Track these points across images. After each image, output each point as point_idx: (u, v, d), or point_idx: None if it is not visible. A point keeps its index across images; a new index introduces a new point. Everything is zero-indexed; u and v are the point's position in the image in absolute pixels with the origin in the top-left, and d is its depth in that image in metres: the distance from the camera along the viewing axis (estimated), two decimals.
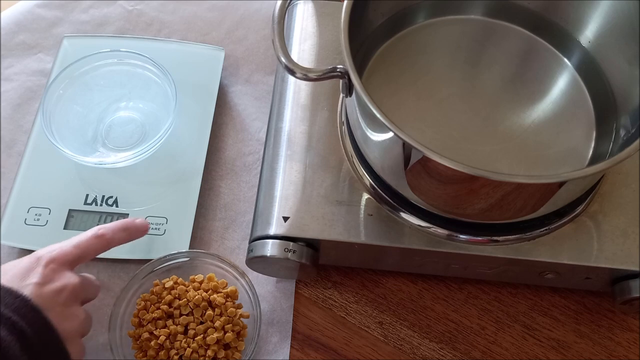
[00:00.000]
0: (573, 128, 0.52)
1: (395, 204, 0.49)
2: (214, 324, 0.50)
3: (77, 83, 0.60)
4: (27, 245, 0.54)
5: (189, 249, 0.55)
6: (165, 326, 0.51)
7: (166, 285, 0.52)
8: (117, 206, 0.57)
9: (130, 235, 0.51)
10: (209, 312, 0.51)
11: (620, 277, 0.49)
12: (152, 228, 0.55)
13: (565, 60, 0.55)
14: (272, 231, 0.49)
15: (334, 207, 0.49)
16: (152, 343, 0.50)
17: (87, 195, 0.57)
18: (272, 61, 0.67)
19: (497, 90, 0.54)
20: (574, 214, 0.49)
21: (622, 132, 0.49)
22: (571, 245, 0.48)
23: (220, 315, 0.51)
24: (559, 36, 0.55)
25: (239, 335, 0.51)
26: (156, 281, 0.53)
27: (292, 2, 0.53)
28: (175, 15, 0.70)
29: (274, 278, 0.56)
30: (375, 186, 0.50)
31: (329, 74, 0.44)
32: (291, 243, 0.48)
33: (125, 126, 0.60)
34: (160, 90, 0.60)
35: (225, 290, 0.52)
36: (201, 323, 0.51)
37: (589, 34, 0.54)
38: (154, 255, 0.54)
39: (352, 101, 0.47)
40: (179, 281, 0.53)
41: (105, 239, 0.49)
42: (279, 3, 0.46)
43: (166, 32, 0.69)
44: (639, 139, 0.41)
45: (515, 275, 0.53)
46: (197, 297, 0.51)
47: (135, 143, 0.59)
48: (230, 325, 0.51)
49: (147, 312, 0.51)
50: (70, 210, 0.56)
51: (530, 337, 0.54)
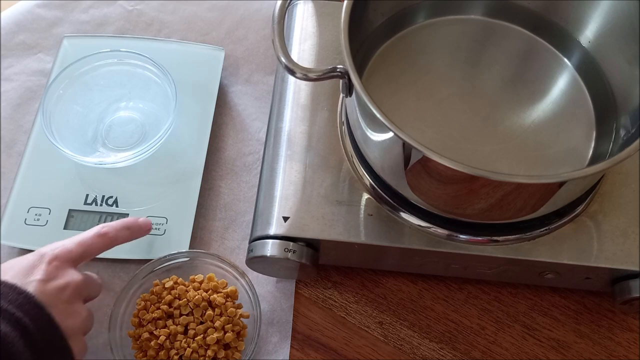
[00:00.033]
0: (573, 128, 0.52)
1: (395, 204, 0.49)
2: (214, 324, 0.50)
3: (77, 83, 0.60)
4: (27, 245, 0.54)
5: (189, 249, 0.55)
6: (165, 326, 0.51)
7: (166, 285, 0.52)
8: (117, 206, 0.57)
9: (133, 234, 0.52)
10: (209, 312, 0.51)
11: (620, 277, 0.49)
12: (152, 228, 0.55)
13: (565, 60, 0.55)
14: (272, 231, 0.49)
15: (334, 207, 0.49)
16: (152, 343, 0.50)
17: (87, 195, 0.57)
18: (272, 61, 0.67)
19: (497, 90, 0.54)
20: (574, 214, 0.49)
21: (622, 132, 0.49)
22: (571, 245, 0.48)
23: (220, 315, 0.51)
24: (559, 36, 0.55)
25: (239, 335, 0.51)
26: (156, 281, 0.53)
27: (292, 2, 0.53)
28: (175, 15, 0.70)
29: (274, 278, 0.56)
30: (375, 186, 0.50)
31: (329, 74, 0.44)
32: (291, 243, 0.48)
33: (125, 126, 0.60)
34: (160, 90, 0.60)
35: (225, 290, 0.52)
36: (201, 323, 0.51)
37: (589, 34, 0.54)
38: (154, 255, 0.54)
39: (352, 101, 0.47)
40: (179, 281, 0.53)
41: (108, 238, 0.49)
42: (279, 3, 0.46)
43: (166, 32, 0.69)
44: (639, 139, 0.41)
45: (515, 275, 0.53)
46: (197, 297, 0.51)
47: (135, 143, 0.59)
48: (230, 325, 0.51)
49: (147, 312, 0.51)
50: (70, 210, 0.56)
51: (530, 337, 0.54)
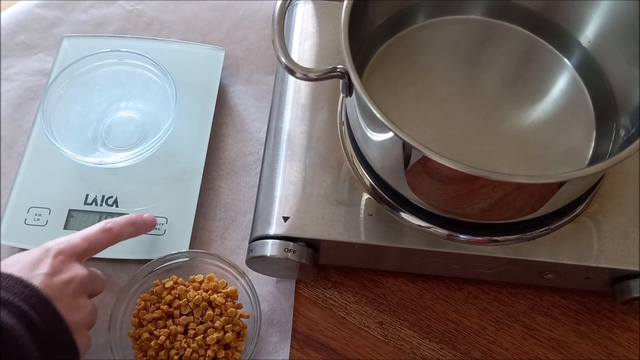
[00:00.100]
0: (573, 128, 0.52)
1: (395, 204, 0.49)
2: (214, 324, 0.50)
3: (77, 83, 0.60)
4: (27, 245, 0.54)
5: (189, 249, 0.55)
6: (165, 326, 0.51)
7: (166, 285, 0.52)
8: (117, 206, 0.57)
9: (138, 229, 0.52)
10: (209, 312, 0.51)
11: (620, 277, 0.49)
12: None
13: (565, 60, 0.55)
14: (272, 231, 0.49)
15: (334, 207, 0.49)
16: (152, 343, 0.50)
17: (87, 195, 0.57)
18: (272, 61, 0.67)
19: (497, 90, 0.54)
20: (574, 214, 0.49)
21: (622, 132, 0.49)
22: (571, 245, 0.48)
23: (220, 315, 0.51)
24: (559, 36, 0.55)
25: (239, 335, 0.51)
26: (156, 281, 0.53)
27: (292, 2, 0.53)
28: (175, 15, 0.70)
29: (274, 278, 0.56)
30: (375, 186, 0.50)
31: (329, 74, 0.44)
32: (291, 243, 0.48)
33: (125, 126, 0.60)
34: (160, 90, 0.60)
35: (225, 290, 0.52)
36: (201, 323, 0.51)
37: (589, 34, 0.54)
38: (154, 255, 0.54)
39: (352, 101, 0.47)
40: (179, 281, 0.53)
41: (112, 233, 0.49)
42: (279, 3, 0.46)
43: (166, 32, 0.69)
44: (639, 139, 0.41)
45: (515, 275, 0.53)
46: (197, 297, 0.51)
47: (135, 143, 0.59)
48: (230, 325, 0.51)
49: (147, 312, 0.51)
50: (70, 210, 0.56)
51: (530, 337, 0.54)
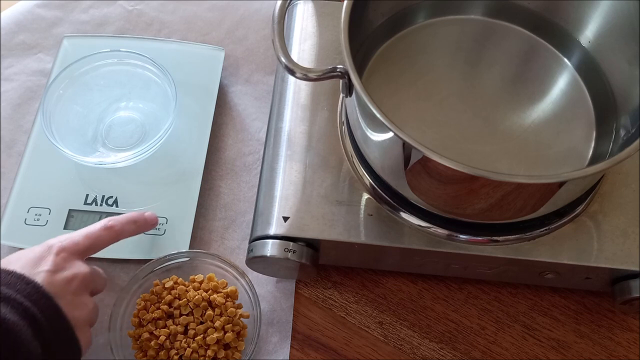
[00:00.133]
0: (573, 128, 0.52)
1: (395, 204, 0.49)
2: (214, 324, 0.50)
3: (77, 83, 0.60)
4: (27, 245, 0.54)
5: (189, 249, 0.55)
6: (165, 326, 0.51)
7: (166, 285, 0.52)
8: (117, 206, 0.57)
9: (139, 227, 0.52)
10: (209, 312, 0.51)
11: (620, 277, 0.49)
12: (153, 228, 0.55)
13: (565, 60, 0.55)
14: (272, 231, 0.49)
15: (334, 207, 0.49)
16: (152, 343, 0.50)
17: (87, 195, 0.57)
18: (272, 61, 0.67)
19: (497, 90, 0.54)
20: (574, 214, 0.49)
21: (622, 132, 0.49)
22: (571, 245, 0.48)
23: (220, 315, 0.51)
24: (559, 36, 0.55)
25: (239, 335, 0.51)
26: (156, 281, 0.53)
27: (292, 2, 0.53)
28: (175, 15, 0.69)
29: (274, 278, 0.56)
30: (375, 186, 0.50)
31: (329, 74, 0.44)
32: (291, 243, 0.48)
33: (125, 126, 0.60)
34: (160, 90, 0.60)
35: (225, 290, 0.52)
36: (201, 323, 0.51)
37: (589, 34, 0.54)
38: (154, 255, 0.54)
39: (352, 101, 0.47)
40: (179, 281, 0.53)
41: (114, 231, 0.49)
42: (279, 3, 0.46)
43: (166, 32, 0.69)
44: (639, 139, 0.41)
45: (515, 275, 0.53)
46: (197, 297, 0.51)
47: (135, 143, 0.59)
48: (230, 325, 0.51)
49: (147, 312, 0.51)
50: (70, 210, 0.56)
51: (530, 337, 0.54)
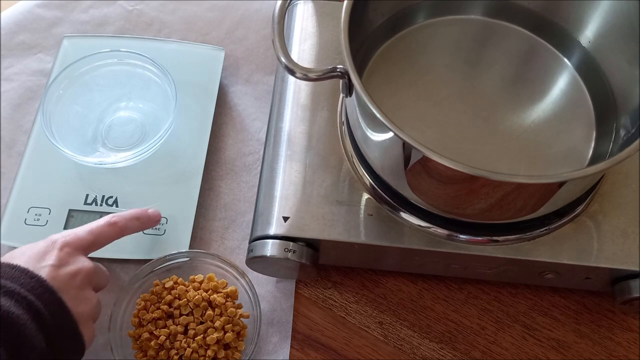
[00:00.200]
0: (573, 128, 0.52)
1: (395, 204, 0.49)
2: (214, 324, 0.50)
3: (77, 83, 0.60)
4: None
5: (189, 249, 0.55)
6: (165, 326, 0.51)
7: (166, 285, 0.52)
8: (117, 206, 0.57)
9: (143, 224, 0.52)
10: (209, 312, 0.51)
11: (620, 277, 0.49)
12: (153, 227, 0.55)
13: (565, 60, 0.55)
14: (272, 231, 0.49)
15: (334, 207, 0.49)
16: (152, 343, 0.50)
17: (87, 195, 0.57)
18: (272, 61, 0.67)
19: (497, 90, 0.54)
20: (574, 214, 0.49)
21: (622, 132, 0.49)
22: (571, 245, 0.48)
23: (220, 315, 0.51)
24: (559, 36, 0.55)
25: (239, 335, 0.51)
26: (156, 281, 0.53)
27: (292, 2, 0.53)
28: (175, 15, 0.69)
29: (274, 278, 0.56)
30: (375, 186, 0.50)
31: (329, 74, 0.44)
32: (291, 243, 0.48)
33: (125, 126, 0.60)
34: (160, 90, 0.60)
35: (225, 290, 0.52)
36: (201, 323, 0.51)
37: (589, 34, 0.54)
38: (154, 255, 0.54)
39: (352, 101, 0.47)
40: (179, 281, 0.53)
41: (118, 227, 0.50)
42: (279, 3, 0.46)
43: (166, 32, 0.69)
44: (639, 139, 0.41)
45: (515, 275, 0.53)
46: (197, 297, 0.51)
47: (135, 143, 0.59)
48: (230, 325, 0.51)
49: (147, 312, 0.51)
50: (70, 210, 0.56)
51: (530, 337, 0.54)
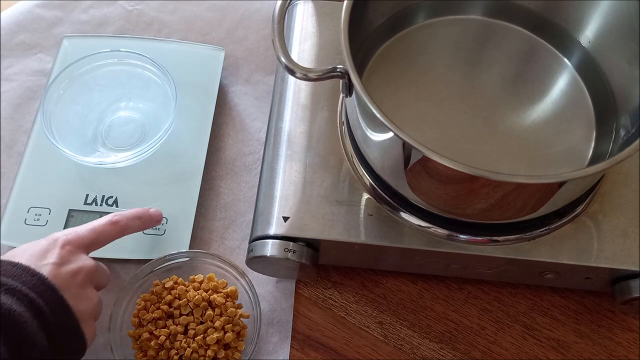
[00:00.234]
0: (573, 128, 0.52)
1: (395, 204, 0.49)
2: (214, 324, 0.50)
3: (77, 83, 0.60)
4: None
5: (189, 249, 0.55)
6: (165, 326, 0.51)
7: (166, 285, 0.52)
8: (117, 206, 0.57)
9: (144, 223, 0.52)
10: (209, 312, 0.51)
11: (620, 277, 0.49)
12: (153, 227, 0.55)
13: (565, 60, 0.55)
14: (272, 231, 0.49)
15: (334, 207, 0.49)
16: (152, 343, 0.50)
17: (87, 195, 0.57)
18: (272, 61, 0.67)
19: (497, 91, 0.54)
20: (574, 214, 0.49)
21: (622, 132, 0.49)
22: (571, 245, 0.48)
23: (220, 315, 0.51)
24: (559, 36, 0.55)
25: (239, 335, 0.51)
26: (156, 281, 0.53)
27: (292, 2, 0.53)
28: (175, 15, 0.69)
29: (274, 278, 0.56)
30: (375, 186, 0.50)
31: (329, 74, 0.44)
32: (291, 243, 0.48)
33: (125, 126, 0.60)
34: (160, 90, 0.60)
35: (225, 290, 0.52)
36: (201, 323, 0.51)
37: (589, 34, 0.54)
38: (154, 255, 0.54)
39: (352, 101, 0.47)
40: (179, 281, 0.53)
41: (119, 226, 0.50)
42: (279, 3, 0.46)
43: (166, 32, 0.69)
44: (639, 139, 0.41)
45: (515, 275, 0.53)
46: (197, 297, 0.51)
47: (135, 143, 0.59)
48: (230, 325, 0.51)
49: (147, 312, 0.51)
50: (70, 210, 0.56)
51: (530, 337, 0.54)
